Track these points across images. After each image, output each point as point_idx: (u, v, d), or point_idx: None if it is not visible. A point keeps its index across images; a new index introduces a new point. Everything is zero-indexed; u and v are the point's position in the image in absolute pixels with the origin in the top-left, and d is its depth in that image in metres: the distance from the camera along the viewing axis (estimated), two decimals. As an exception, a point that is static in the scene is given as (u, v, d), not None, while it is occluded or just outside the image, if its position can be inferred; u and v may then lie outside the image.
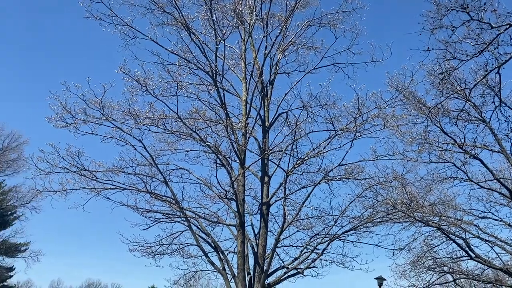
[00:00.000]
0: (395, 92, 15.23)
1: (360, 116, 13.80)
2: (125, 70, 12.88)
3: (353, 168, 15.20)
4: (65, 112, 13.62)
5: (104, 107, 13.48)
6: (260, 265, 14.72)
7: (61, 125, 13.80)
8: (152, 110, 13.46)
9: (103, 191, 15.27)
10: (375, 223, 15.45)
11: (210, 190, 16.72)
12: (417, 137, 18.51)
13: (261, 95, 16.09)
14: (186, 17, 14.55)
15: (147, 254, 15.96)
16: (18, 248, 51.86)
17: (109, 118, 13.76)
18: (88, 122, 13.79)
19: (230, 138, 14.63)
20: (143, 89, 13.13)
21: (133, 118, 13.93)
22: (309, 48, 17.50)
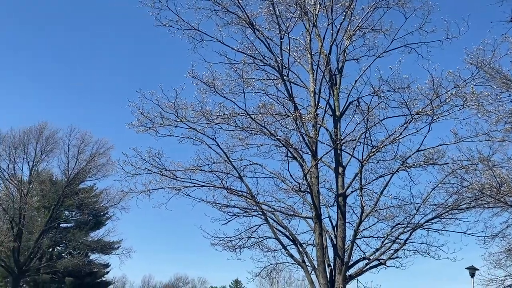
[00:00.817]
0: (475, 69, 14.14)
1: (437, 98, 13.01)
2: (193, 74, 13.40)
3: (433, 153, 14.39)
4: (143, 117, 14.45)
5: (178, 109, 14.11)
6: (340, 257, 14.53)
7: (142, 129, 14.66)
8: (222, 109, 13.82)
9: (183, 189, 15.95)
10: (462, 210, 14.53)
11: (283, 184, 16.82)
12: (503, 115, 17.14)
13: (329, 84, 15.81)
14: (249, 15, 14.72)
15: (228, 248, 16.45)
16: (112, 246, 56.04)
17: (183, 119, 14.36)
18: (165, 125, 14.51)
19: (300, 131, 14.57)
20: (212, 90, 13.53)
21: (206, 118, 14.42)
22: (378, 31, 16.84)
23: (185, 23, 14.38)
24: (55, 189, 50.09)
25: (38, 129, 47.94)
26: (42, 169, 49.31)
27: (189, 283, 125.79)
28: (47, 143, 47.98)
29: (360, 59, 17.07)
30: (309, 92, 16.20)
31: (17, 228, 45.14)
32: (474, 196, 14.71)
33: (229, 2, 14.62)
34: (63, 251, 54.86)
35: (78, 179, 49.85)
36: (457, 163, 14.30)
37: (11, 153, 46.79)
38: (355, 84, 15.92)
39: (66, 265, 47.12)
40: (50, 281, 55.39)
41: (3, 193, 46.82)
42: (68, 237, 49.66)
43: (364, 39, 16.73)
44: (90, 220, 54.49)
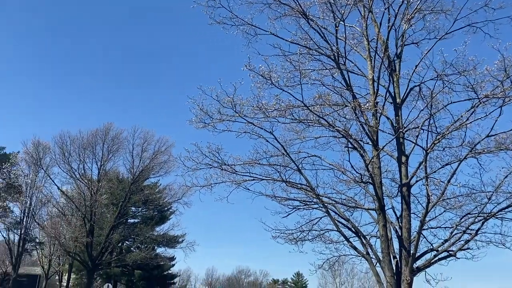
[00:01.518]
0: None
1: (507, 79, 12.12)
2: (250, 67, 13.45)
3: (505, 138, 13.45)
4: (202, 113, 14.77)
5: (235, 104, 14.26)
6: (406, 249, 14.06)
7: (201, 125, 14.99)
8: (279, 101, 13.79)
9: (243, 182, 16.16)
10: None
11: (344, 175, 16.52)
12: None
13: (388, 70, 15.26)
14: (302, 5, 14.54)
15: (289, 240, 16.47)
16: (176, 239, 58.20)
17: (241, 114, 14.50)
18: (223, 120, 14.73)
19: (360, 120, 14.21)
20: (269, 83, 13.53)
21: (262, 111, 14.46)
22: (438, 13, 15.99)
23: (238, 19, 14.48)
24: (122, 186, 52.75)
25: (104, 130, 50.65)
26: (109, 168, 52.09)
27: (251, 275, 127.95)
28: (113, 143, 50.59)
29: (420, 43, 16.32)
30: (367, 80, 15.74)
31: (89, 225, 48.09)
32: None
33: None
34: (132, 245, 57.75)
35: (142, 176, 52.14)
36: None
37: (80, 154, 49.84)
38: (416, 69, 15.25)
39: (134, 258, 49.53)
40: (121, 273, 58.60)
41: (75, 191, 50.04)
42: (135, 231, 52.20)
43: (424, 22, 15.95)
44: (155, 215, 56.90)
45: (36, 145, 48.52)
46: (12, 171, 46.64)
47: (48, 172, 48.96)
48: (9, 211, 47.20)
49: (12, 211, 47.83)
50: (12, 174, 46.59)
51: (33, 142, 48.56)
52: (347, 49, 15.37)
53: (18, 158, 48.02)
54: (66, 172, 49.24)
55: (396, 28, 15.16)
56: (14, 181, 46.67)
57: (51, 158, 49.19)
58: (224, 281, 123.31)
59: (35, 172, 48.15)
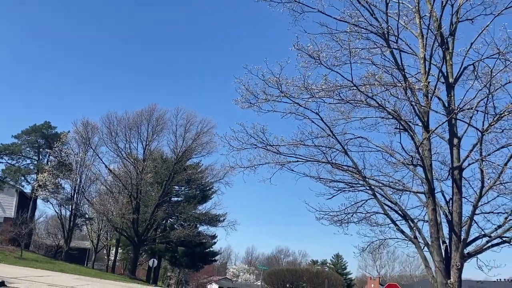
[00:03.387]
0: None
1: None
2: (298, 46, 13.19)
3: None
4: (248, 93, 14.72)
5: (281, 84, 14.09)
6: (456, 234, 13.62)
7: (246, 106, 14.96)
8: (326, 82, 13.48)
9: (287, 164, 16.11)
10: None
11: (392, 158, 16.11)
12: None
13: (442, 49, 14.56)
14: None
15: (334, 222, 16.36)
16: (218, 218, 59.44)
17: (286, 94, 14.34)
18: (269, 100, 14.62)
19: (411, 101, 13.71)
20: (317, 62, 13.24)
21: (308, 91, 14.22)
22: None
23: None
24: (166, 166, 54.22)
25: (148, 111, 51.97)
26: (154, 148, 53.63)
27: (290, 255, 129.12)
28: (157, 124, 51.89)
29: (475, 19, 15.44)
30: (418, 58, 15.10)
31: (135, 202, 49.90)
32: None
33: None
34: (175, 222, 59.57)
35: (185, 157, 53.33)
36: None
37: (126, 133, 51.51)
38: (471, 46, 14.46)
39: (178, 235, 51.13)
40: (165, 249, 60.67)
41: (122, 170, 51.89)
42: (179, 209, 53.75)
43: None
44: (197, 194, 58.25)
45: (85, 125, 50.50)
46: (63, 149, 48.86)
47: (97, 151, 51.01)
48: (61, 188, 49.65)
49: (64, 188, 50.30)
50: (63, 153, 48.82)
51: (82, 122, 50.59)
52: (398, 27, 14.77)
53: (68, 137, 50.19)
54: (113, 151, 51.17)
55: (452, 3, 14.35)
56: (65, 159, 48.92)
57: (99, 137, 51.18)
58: (263, 260, 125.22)
59: (84, 151, 50.24)
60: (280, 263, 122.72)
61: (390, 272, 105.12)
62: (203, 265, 71.80)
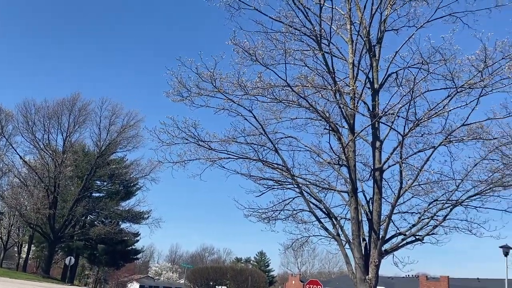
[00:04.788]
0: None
1: (486, 69, 12.36)
2: (235, 41, 13.13)
3: (478, 127, 13.83)
4: (180, 86, 14.38)
5: (215, 79, 13.96)
6: (375, 232, 14.41)
7: (178, 99, 14.63)
8: (261, 80, 13.58)
9: (218, 160, 16.00)
10: (506, 187, 14.06)
11: (319, 157, 16.65)
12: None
13: (369, 55, 15.31)
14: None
15: (261, 219, 16.55)
16: (142, 215, 57.58)
17: (220, 90, 14.23)
18: (202, 95, 14.42)
19: (339, 103, 14.25)
20: (253, 59, 13.28)
21: (243, 88, 14.23)
22: (420, 1, 16.08)
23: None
24: (87, 159, 51.45)
25: (71, 101, 48.96)
26: (75, 140, 50.65)
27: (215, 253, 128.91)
28: (80, 114, 49.04)
29: (400, 30, 16.43)
30: (348, 63, 15.75)
31: (52, 197, 46.81)
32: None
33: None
34: (95, 219, 56.79)
35: (109, 150, 50.98)
36: (506, 137, 13.69)
37: (45, 123, 48.09)
38: (395, 55, 15.37)
39: (98, 232, 48.78)
40: (84, 247, 57.67)
41: (39, 162, 48.43)
42: (100, 206, 51.26)
43: (405, 9, 16.02)
44: (121, 190, 56.00)
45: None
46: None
47: (10, 140, 47.10)
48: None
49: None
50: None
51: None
52: (330, 32, 15.28)
53: (-23, 124, 45.84)
54: (29, 142, 47.54)
55: (381, 12, 15.13)
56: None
57: (14, 126, 47.28)
58: (187, 258, 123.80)
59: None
60: (204, 261, 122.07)
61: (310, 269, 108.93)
62: (124, 263, 69.38)
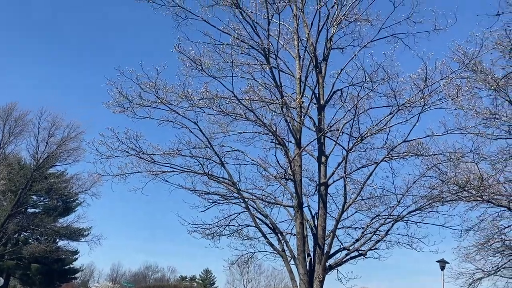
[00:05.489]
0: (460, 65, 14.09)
1: (427, 88, 12.86)
2: (179, 49, 12.74)
3: (417, 144, 14.31)
4: (121, 97, 13.77)
5: (158, 90, 13.50)
6: (320, 247, 14.36)
7: (119, 110, 14.00)
8: (208, 90, 13.28)
9: (161, 174, 15.43)
10: (444, 202, 14.57)
11: (266, 171, 16.50)
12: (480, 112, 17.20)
13: (316, 71, 15.49)
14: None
15: (206, 235, 16.09)
16: (81, 232, 54.70)
17: (164, 101, 13.75)
18: (144, 106, 13.87)
19: (286, 117, 14.22)
20: (198, 68, 12.95)
21: (188, 100, 13.85)
22: (364, 21, 16.59)
23: (169, 0, 13.73)
24: (23, 172, 48.23)
25: (6, 110, 45.95)
26: (9, 152, 47.41)
27: (159, 272, 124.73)
28: (16, 125, 46.12)
29: (345, 49, 16.85)
30: (294, 79, 15.85)
31: (-19, 212, 43.38)
32: (456, 189, 14.74)
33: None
34: (30, 236, 53.20)
35: (48, 163, 48.16)
36: (445, 154, 14.25)
37: (-24, 133, 44.74)
38: (341, 73, 15.70)
39: (32, 251, 45.71)
40: (15, 267, 53.71)
41: (-33, 175, 44.85)
42: (35, 222, 48.02)
43: (353, 26, 16.47)
44: (59, 206, 52.92)
45: None
46: None
47: None
48: None
49: None
50: None
51: None
52: (278, 47, 15.34)
53: None
54: (-43, 153, 43.97)
55: (327, 29, 15.41)
56: None
57: None
58: (130, 277, 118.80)
59: None
60: (147, 280, 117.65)
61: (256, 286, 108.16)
62: (61, 284, 65.25)
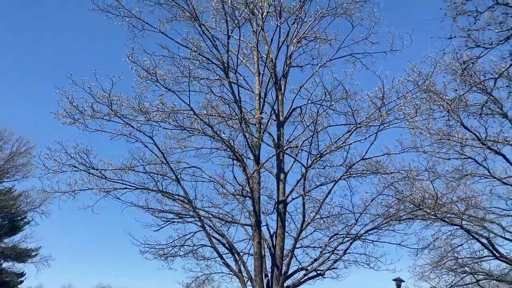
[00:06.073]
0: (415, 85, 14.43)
1: (384, 106, 12.99)
2: (133, 58, 12.15)
3: (376, 162, 14.39)
4: (72, 108, 13.03)
5: (112, 101, 12.85)
6: (278, 267, 13.97)
7: (69, 121, 13.22)
8: (163, 102, 12.78)
9: (113, 191, 14.67)
10: (400, 221, 14.64)
11: (223, 189, 16.06)
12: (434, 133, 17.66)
13: (275, 88, 15.37)
14: (196, 9, 13.87)
15: (159, 256, 15.33)
16: (29, 253, 51.58)
17: (118, 113, 13.11)
18: (96, 118, 13.16)
19: (245, 134, 13.93)
20: (153, 79, 12.42)
21: (143, 113, 13.29)
22: (323, 40, 16.77)
23: (125, 10, 13.25)
24: (-35, 189, 45.26)
25: (-52, 122, 43.20)
26: (-49, 167, 44.43)
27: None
28: (-41, 139, 43.37)
29: (304, 67, 16.95)
30: (254, 95, 15.66)
31: None
32: (412, 208, 14.88)
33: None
34: (-30, 258, 49.61)
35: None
36: (401, 172, 14.39)
37: None
38: (300, 90, 15.66)
39: (-28, 274, 42.46)
40: (-48, 292, 49.80)
41: None
42: (-23, 243, 44.93)
43: (312, 45, 16.60)
44: (5, 225, 49.79)
45: None
46: None
47: None
48: None
49: None
50: None
51: None
52: (237, 61, 15.14)
53: None
54: None
55: (288, 44, 15.39)
56: None
57: None
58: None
59: None
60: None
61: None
62: (3, 309, 61.03)
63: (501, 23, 10.93)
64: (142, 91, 12.62)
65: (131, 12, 13.28)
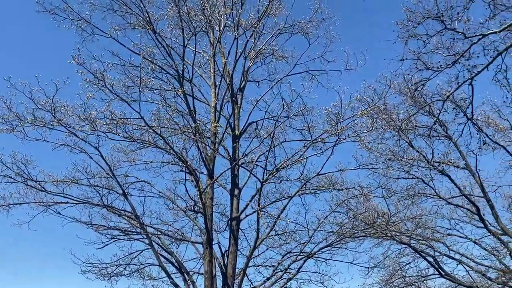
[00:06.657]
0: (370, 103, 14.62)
1: (340, 122, 13.00)
2: (79, 60, 11.27)
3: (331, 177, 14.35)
4: (10, 114, 11.95)
5: (56, 108, 11.89)
6: (229, 287, 13.38)
7: (6, 129, 12.08)
8: (110, 110, 11.99)
9: (53, 205, 13.56)
10: (353, 238, 14.57)
11: (174, 204, 15.33)
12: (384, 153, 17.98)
13: (231, 101, 15.05)
14: (150, 16, 13.36)
15: (102, 276, 14.25)
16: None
17: (62, 122, 12.15)
18: (38, 126, 12.11)
19: (198, 146, 13.40)
20: (101, 84, 11.60)
21: (89, 122, 12.40)
22: (280, 57, 16.77)
23: (74, 13, 12.49)
24: None
25: None
26: None
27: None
28: None
29: (261, 82, 16.86)
30: (210, 107, 15.24)
31: None
32: (364, 226, 14.88)
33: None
34: None
35: None
36: (356, 188, 14.38)
37: None
38: (256, 104, 15.51)
39: None
40: None
41: None
42: None
43: (268, 61, 16.54)
44: None
45: None
46: None
47: None
48: None
49: None
50: None
51: None
52: (192, 71, 14.70)
53: None
54: None
55: (245, 56, 15.20)
56: None
57: None
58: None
59: None
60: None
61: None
62: None
63: (448, 48, 11.38)
64: (88, 97, 11.73)
65: (80, 15, 12.55)
